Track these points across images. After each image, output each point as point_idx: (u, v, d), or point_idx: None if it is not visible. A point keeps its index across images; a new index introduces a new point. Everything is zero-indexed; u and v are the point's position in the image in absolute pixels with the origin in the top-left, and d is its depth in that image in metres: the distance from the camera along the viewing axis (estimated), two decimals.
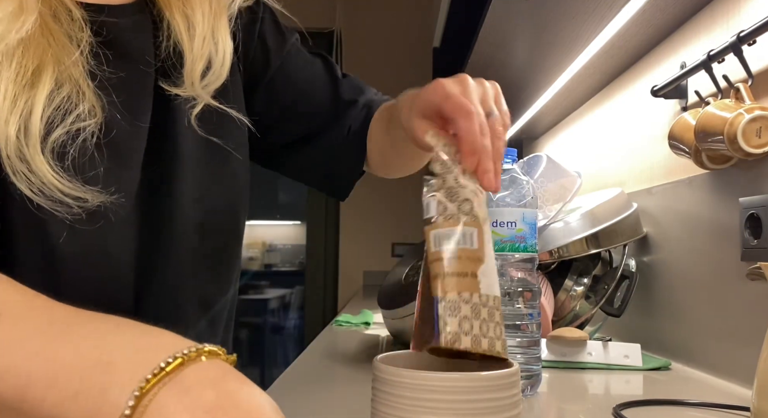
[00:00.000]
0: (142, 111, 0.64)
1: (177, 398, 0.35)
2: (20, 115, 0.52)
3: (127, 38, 0.64)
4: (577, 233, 1.15)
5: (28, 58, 0.54)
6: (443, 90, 0.57)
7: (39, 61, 0.54)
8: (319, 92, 0.84)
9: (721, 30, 0.98)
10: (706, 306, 0.98)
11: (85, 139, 0.57)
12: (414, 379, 0.45)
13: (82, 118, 0.56)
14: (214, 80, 0.67)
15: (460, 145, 0.53)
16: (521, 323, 0.79)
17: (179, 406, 0.35)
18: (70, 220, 0.55)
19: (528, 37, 1.18)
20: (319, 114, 0.84)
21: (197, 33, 0.66)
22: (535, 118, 1.84)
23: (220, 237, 0.73)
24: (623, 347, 1.00)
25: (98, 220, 0.57)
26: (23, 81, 0.53)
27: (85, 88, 0.57)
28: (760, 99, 0.87)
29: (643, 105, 1.25)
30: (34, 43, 0.54)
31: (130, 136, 0.63)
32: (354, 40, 3.21)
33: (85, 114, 0.56)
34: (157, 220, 0.65)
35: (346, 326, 1.49)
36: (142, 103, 0.65)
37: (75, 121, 0.56)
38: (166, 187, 0.66)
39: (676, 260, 1.09)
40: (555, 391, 0.85)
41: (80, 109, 0.56)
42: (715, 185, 0.96)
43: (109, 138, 0.60)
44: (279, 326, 4.45)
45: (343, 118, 0.84)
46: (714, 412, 0.74)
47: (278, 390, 0.80)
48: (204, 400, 0.35)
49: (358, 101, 0.85)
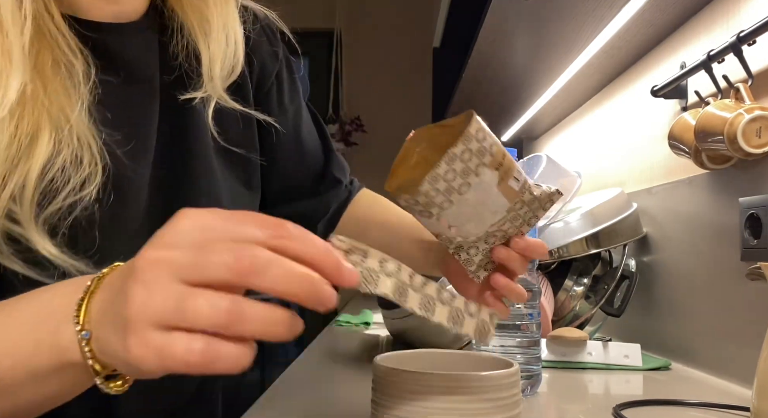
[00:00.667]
0: (146, 148, 0.62)
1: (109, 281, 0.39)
2: (11, 193, 0.49)
3: (133, 60, 0.61)
4: (577, 233, 1.15)
5: (23, 125, 0.49)
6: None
7: (36, 125, 0.50)
8: (313, 158, 0.84)
9: (721, 30, 0.98)
10: (706, 306, 0.98)
11: (84, 209, 0.53)
12: (414, 379, 0.45)
13: (79, 190, 0.52)
14: (229, 73, 0.66)
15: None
16: (521, 323, 0.79)
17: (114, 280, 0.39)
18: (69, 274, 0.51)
19: (528, 37, 1.18)
20: (307, 177, 0.83)
21: (213, 28, 0.65)
22: (535, 118, 1.84)
23: None
24: (623, 347, 1.00)
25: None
26: (17, 152, 0.49)
27: (86, 145, 0.53)
28: (760, 99, 0.87)
29: (643, 105, 1.25)
30: (30, 103, 0.50)
31: (132, 181, 0.60)
32: (354, 40, 3.21)
33: (84, 181, 0.53)
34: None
35: (346, 326, 1.49)
36: (147, 133, 0.62)
37: (69, 195, 0.52)
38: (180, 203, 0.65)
39: (676, 260, 1.09)
40: (555, 391, 0.85)
41: (75, 181, 0.52)
42: (715, 185, 0.96)
43: (110, 189, 0.57)
44: None
45: (326, 194, 0.85)
46: (714, 412, 0.74)
47: (278, 390, 0.80)
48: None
49: (343, 182, 0.87)
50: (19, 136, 0.49)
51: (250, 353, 0.35)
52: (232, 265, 0.34)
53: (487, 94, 1.59)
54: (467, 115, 0.48)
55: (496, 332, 0.80)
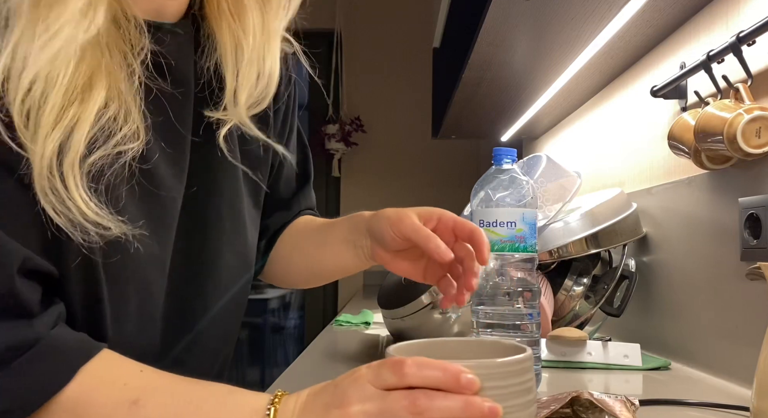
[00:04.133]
0: (181, 138, 0.62)
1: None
2: (63, 131, 0.49)
3: (174, 57, 0.61)
4: (576, 233, 1.15)
5: (82, 68, 0.50)
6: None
7: (92, 72, 0.51)
8: (285, 185, 0.85)
9: (720, 30, 0.98)
10: (706, 306, 0.98)
11: (124, 163, 0.54)
12: None
13: (124, 142, 0.53)
14: (256, 104, 0.66)
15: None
16: (521, 322, 0.79)
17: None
18: (86, 247, 0.52)
19: (528, 37, 1.18)
20: (275, 201, 0.83)
21: (245, 57, 0.64)
22: (535, 118, 1.84)
23: (248, 273, 0.73)
24: (623, 346, 1.01)
25: (116, 253, 0.55)
26: (73, 94, 0.50)
27: (133, 107, 0.54)
28: (759, 99, 0.87)
29: (643, 105, 1.25)
30: (90, 50, 0.51)
31: (168, 163, 0.60)
32: (354, 40, 3.21)
33: (129, 136, 0.53)
34: (196, 262, 0.65)
35: (346, 326, 1.49)
36: (183, 129, 0.62)
37: (117, 143, 0.52)
38: (205, 224, 0.66)
39: (676, 260, 1.09)
40: (555, 390, 0.85)
41: (125, 131, 0.53)
42: (714, 185, 0.97)
43: (146, 165, 0.57)
44: (279, 326, 4.45)
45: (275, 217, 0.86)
46: (713, 412, 0.74)
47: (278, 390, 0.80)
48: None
49: (299, 212, 0.88)
50: (78, 75, 0.50)
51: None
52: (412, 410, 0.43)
53: (487, 95, 1.59)
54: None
55: (496, 331, 0.80)
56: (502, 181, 0.83)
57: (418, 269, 0.72)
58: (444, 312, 1.04)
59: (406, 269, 0.71)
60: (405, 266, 0.71)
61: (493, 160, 0.86)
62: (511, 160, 0.85)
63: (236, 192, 0.70)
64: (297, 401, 0.49)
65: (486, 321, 0.80)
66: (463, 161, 3.11)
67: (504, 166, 0.84)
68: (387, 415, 0.44)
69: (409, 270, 0.72)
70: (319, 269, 0.82)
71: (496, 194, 0.82)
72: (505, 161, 0.85)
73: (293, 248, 0.83)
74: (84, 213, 0.50)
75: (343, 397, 0.46)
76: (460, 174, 3.08)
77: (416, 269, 0.71)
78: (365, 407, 0.45)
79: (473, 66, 1.37)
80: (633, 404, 0.63)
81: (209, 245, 0.66)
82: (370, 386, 0.46)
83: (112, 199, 0.54)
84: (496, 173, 0.84)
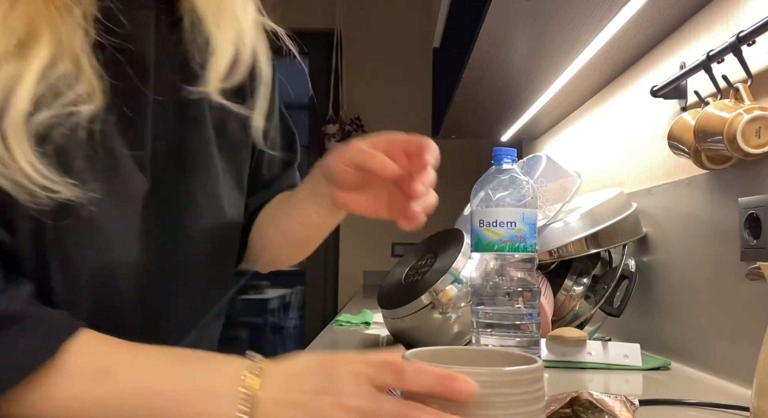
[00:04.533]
0: (144, 101, 0.60)
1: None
2: (2, 88, 0.47)
3: (132, 16, 0.58)
4: (576, 233, 1.15)
5: (16, 18, 0.47)
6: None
7: (31, 21, 0.48)
8: (268, 167, 0.84)
9: (720, 30, 0.98)
10: (706, 306, 0.98)
11: (77, 125, 0.52)
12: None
13: (77, 103, 0.51)
14: (231, 72, 0.65)
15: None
16: (521, 322, 0.79)
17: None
18: (36, 211, 0.50)
19: (528, 37, 1.18)
20: (256, 179, 0.82)
21: (226, 24, 0.63)
22: (535, 118, 1.84)
23: (232, 244, 0.72)
24: (623, 346, 1.01)
25: (67, 216, 0.53)
26: (10, 45, 0.47)
27: (87, 66, 0.52)
28: (759, 99, 0.87)
29: (643, 105, 1.25)
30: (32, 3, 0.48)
31: (129, 127, 0.59)
32: (354, 40, 3.21)
33: (83, 97, 0.51)
34: (164, 228, 0.63)
35: (346, 326, 1.49)
36: (144, 97, 0.60)
37: (68, 104, 0.50)
38: (178, 196, 0.64)
39: (676, 260, 1.09)
40: (554, 391, 0.85)
41: (78, 91, 0.51)
42: (714, 185, 0.97)
43: (103, 127, 0.55)
44: (279, 326, 4.45)
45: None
46: (713, 412, 0.74)
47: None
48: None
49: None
50: (11, 26, 0.47)
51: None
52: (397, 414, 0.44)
53: (487, 95, 1.59)
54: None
55: (496, 331, 0.80)
56: (502, 181, 0.83)
57: (380, 203, 0.67)
58: (444, 312, 1.04)
59: (368, 204, 0.67)
60: (366, 202, 0.67)
61: (493, 160, 0.86)
62: (511, 160, 0.85)
63: (209, 163, 0.67)
64: (282, 373, 0.49)
65: (486, 321, 0.80)
66: (463, 161, 3.11)
67: (504, 166, 0.84)
68: (378, 417, 0.44)
69: (372, 206, 0.67)
70: (291, 234, 0.78)
71: (496, 194, 0.82)
72: (505, 161, 0.85)
73: (269, 222, 0.81)
74: (29, 175, 0.48)
75: (337, 386, 0.46)
76: (460, 174, 3.08)
77: (378, 203, 0.67)
78: (360, 403, 0.45)
79: (473, 66, 1.37)
80: (633, 404, 0.63)
81: (182, 211, 0.65)
82: (367, 385, 0.46)
83: (64, 161, 0.52)
84: (496, 173, 0.84)
